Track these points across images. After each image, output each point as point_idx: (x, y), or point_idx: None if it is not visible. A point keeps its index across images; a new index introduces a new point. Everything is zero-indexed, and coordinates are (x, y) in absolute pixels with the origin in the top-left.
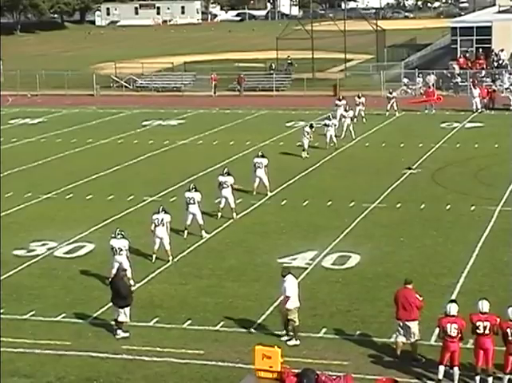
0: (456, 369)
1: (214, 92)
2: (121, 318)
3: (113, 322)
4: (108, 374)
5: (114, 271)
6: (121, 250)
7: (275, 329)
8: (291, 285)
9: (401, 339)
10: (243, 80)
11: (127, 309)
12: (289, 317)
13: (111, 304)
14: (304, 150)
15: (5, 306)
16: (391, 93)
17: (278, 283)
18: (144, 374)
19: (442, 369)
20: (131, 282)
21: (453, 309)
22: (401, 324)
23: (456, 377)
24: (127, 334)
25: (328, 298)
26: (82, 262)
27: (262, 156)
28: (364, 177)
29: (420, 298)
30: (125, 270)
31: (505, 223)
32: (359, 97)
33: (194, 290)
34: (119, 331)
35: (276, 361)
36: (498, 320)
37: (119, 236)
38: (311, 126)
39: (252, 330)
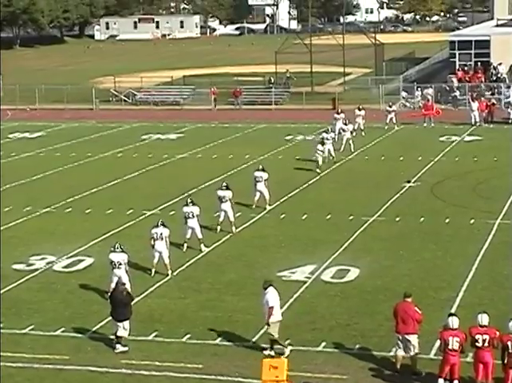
0: (456, 382)
1: (215, 106)
2: (120, 333)
3: (113, 336)
4: None
5: (113, 285)
6: (120, 264)
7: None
8: (274, 297)
9: (401, 353)
10: (239, 94)
11: (126, 323)
12: (268, 331)
13: (110, 318)
14: (318, 167)
15: (5, 320)
16: (390, 107)
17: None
18: None
19: (441, 382)
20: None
21: (455, 322)
22: (401, 337)
23: None
24: (125, 348)
25: (327, 312)
26: (81, 276)
27: (263, 170)
28: (363, 191)
29: (420, 312)
30: (124, 283)
31: (504, 237)
32: (359, 110)
33: (194, 304)
34: (118, 345)
35: (282, 371)
36: (498, 333)
37: (118, 250)
38: (322, 143)
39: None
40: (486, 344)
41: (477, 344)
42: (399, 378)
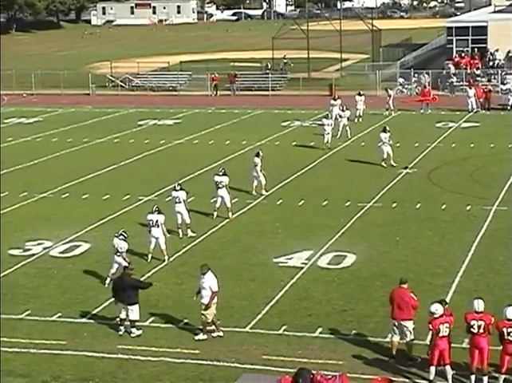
0: (448, 367)
1: (216, 92)
2: (133, 317)
3: (118, 320)
4: (103, 374)
5: (113, 271)
6: (121, 251)
7: (271, 329)
8: (215, 281)
9: (396, 339)
10: (234, 79)
11: (136, 307)
12: (203, 312)
13: (107, 303)
14: (384, 160)
15: (1, 305)
16: (388, 91)
17: (274, 282)
18: (140, 374)
19: (433, 369)
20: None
21: (440, 309)
22: (396, 323)
23: (449, 376)
24: (140, 331)
25: (323, 298)
26: (78, 261)
27: (257, 155)
28: (359, 177)
29: (416, 298)
30: (132, 268)
31: (500, 223)
32: (359, 95)
33: (190, 289)
34: (133, 329)
35: None
36: (493, 319)
37: (120, 237)
38: (385, 130)
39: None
40: (482, 330)
41: (472, 330)
42: (394, 364)
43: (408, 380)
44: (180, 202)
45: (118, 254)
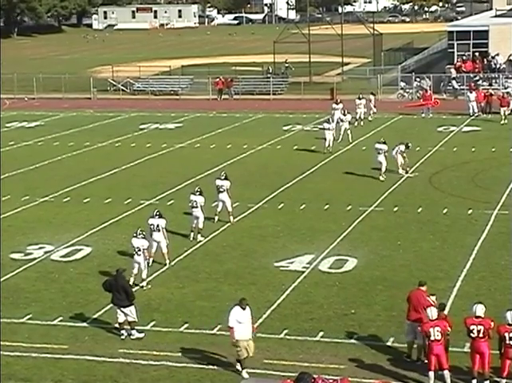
0: (446, 372)
1: (221, 97)
2: (130, 318)
3: (117, 324)
4: (104, 378)
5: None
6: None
7: (272, 333)
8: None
9: (411, 339)
10: (231, 83)
11: (132, 308)
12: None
13: (108, 307)
14: (403, 169)
15: (2, 309)
16: (360, 99)
17: (276, 286)
18: (141, 378)
19: (432, 374)
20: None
21: (434, 312)
22: (410, 324)
23: (448, 381)
24: (142, 334)
25: (325, 302)
26: (79, 265)
27: (384, 143)
28: (360, 181)
29: (434, 301)
30: (124, 269)
31: (502, 227)
32: (359, 99)
33: (191, 293)
34: (133, 331)
35: None
36: (493, 324)
37: (140, 236)
38: (407, 146)
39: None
40: (481, 334)
41: (472, 334)
42: (395, 368)
43: None
44: (197, 207)
45: (139, 253)
